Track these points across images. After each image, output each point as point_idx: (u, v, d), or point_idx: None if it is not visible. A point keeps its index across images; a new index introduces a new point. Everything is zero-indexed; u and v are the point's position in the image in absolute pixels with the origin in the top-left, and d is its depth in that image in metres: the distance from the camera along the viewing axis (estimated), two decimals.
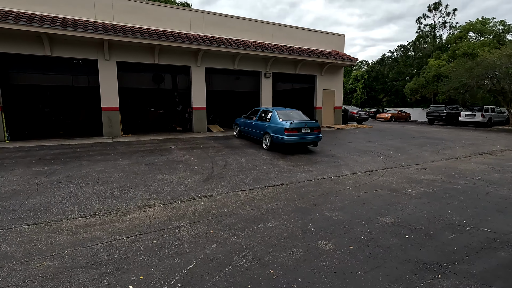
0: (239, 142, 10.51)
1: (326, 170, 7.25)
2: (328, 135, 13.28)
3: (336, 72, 16.89)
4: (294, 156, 8.57)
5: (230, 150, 9.16)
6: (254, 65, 14.17)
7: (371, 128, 16.68)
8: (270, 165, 7.45)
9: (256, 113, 10.61)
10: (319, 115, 16.57)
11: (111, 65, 11.06)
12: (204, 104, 13.16)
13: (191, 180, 6.02)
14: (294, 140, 8.57)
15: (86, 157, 7.64)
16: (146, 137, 11.16)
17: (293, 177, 6.50)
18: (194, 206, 4.66)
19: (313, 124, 9.00)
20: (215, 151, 8.85)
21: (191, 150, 8.95)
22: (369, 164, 8.03)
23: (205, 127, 13.40)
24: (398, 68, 34.50)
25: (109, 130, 11.26)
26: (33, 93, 14.57)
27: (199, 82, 12.89)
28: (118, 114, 11.41)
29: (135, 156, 7.86)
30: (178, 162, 7.40)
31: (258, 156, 8.46)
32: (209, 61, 12.97)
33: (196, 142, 10.39)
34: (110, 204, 4.66)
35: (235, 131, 12.02)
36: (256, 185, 5.86)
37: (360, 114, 20.72)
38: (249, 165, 7.38)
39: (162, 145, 9.54)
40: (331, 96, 16.94)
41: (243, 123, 11.37)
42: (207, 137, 11.66)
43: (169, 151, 8.70)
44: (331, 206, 4.66)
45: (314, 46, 15.68)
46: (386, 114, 29.12)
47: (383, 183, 6.13)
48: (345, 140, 11.89)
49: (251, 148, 9.57)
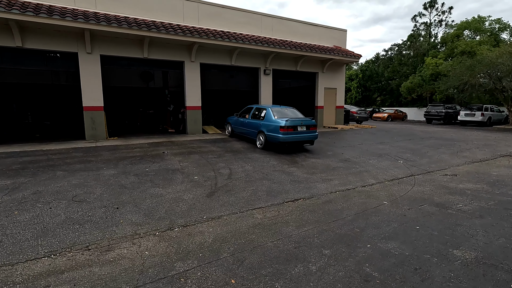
0: (241, 145, 9.42)
1: (348, 178, 6.26)
2: (333, 136, 12.33)
3: (338, 69, 16.01)
4: (307, 162, 7.54)
5: (232, 154, 8.06)
6: (252, 61, 13.09)
7: (375, 129, 15.87)
8: (282, 173, 6.40)
9: (249, 111, 10.07)
10: (321, 115, 15.65)
11: (94, 59, 9.76)
12: (199, 103, 11.99)
13: (191, 195, 4.90)
14: (290, 139, 8.16)
15: (62, 166, 6.39)
16: (135, 141, 9.92)
17: (313, 189, 5.47)
18: (200, 234, 3.56)
19: (309, 122, 8.62)
20: (215, 157, 7.73)
21: (187, 155, 7.80)
22: (391, 170, 7.08)
23: (200, 128, 12.23)
24: (393, 67, 34.09)
25: (92, 132, 9.95)
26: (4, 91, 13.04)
27: (193, 79, 11.72)
28: (102, 114, 10.12)
29: (122, 164, 6.66)
30: (173, 171, 6.25)
31: (266, 161, 7.39)
32: (204, 56, 11.81)
33: (192, 145, 9.23)
34: (88, 234, 3.50)
35: (226, 130, 11.59)
36: (272, 200, 4.80)
37: (361, 114, 19.95)
38: (257, 174, 6.30)
39: (153, 150, 8.35)
40: (332, 95, 16.05)
41: (235, 122, 10.78)
42: (203, 139, 10.51)
43: (162, 157, 7.53)
44: (378, 231, 3.64)
45: (315, 41, 14.73)
46: (383, 114, 28.58)
47: (421, 195, 5.17)
48: (354, 142, 10.96)
49: (255, 152, 8.49)
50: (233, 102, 17.37)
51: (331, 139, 11.43)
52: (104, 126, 10.18)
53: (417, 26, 32.86)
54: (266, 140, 8.62)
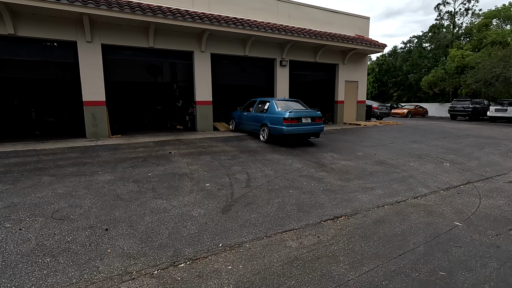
0: (257, 145, 8.34)
1: (392, 186, 5.10)
2: (358, 133, 11.10)
3: (360, 60, 14.69)
4: (337, 165, 6.40)
5: (248, 155, 6.99)
6: (268, 51, 11.95)
7: (401, 125, 14.51)
8: (310, 180, 5.30)
9: (253, 105, 9.83)
10: (341, 110, 14.40)
11: (95, 48, 8.83)
12: (209, 97, 10.96)
13: (202, 210, 3.86)
14: (294, 131, 7.90)
15: (51, 169, 5.46)
16: (140, 139, 8.97)
17: (354, 201, 4.35)
18: (215, 276, 2.51)
19: (314, 113, 8.31)
20: (229, 158, 6.68)
21: (197, 156, 6.77)
22: (441, 175, 5.87)
23: (211, 125, 11.21)
24: (413, 60, 32.21)
25: (93, 130, 9.06)
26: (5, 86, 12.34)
27: (203, 71, 10.68)
28: (104, 110, 9.21)
29: (122, 167, 5.69)
30: (181, 177, 5.23)
31: (288, 164, 6.29)
32: (215, 46, 10.75)
33: (202, 144, 8.21)
34: (60, 273, 2.51)
35: (231, 125, 11.31)
36: (306, 218, 3.71)
37: (382, 109, 18.55)
38: (281, 180, 5.22)
39: (159, 150, 7.36)
40: (353, 88, 14.76)
41: (239, 116, 10.50)
42: (214, 137, 9.48)
43: (168, 158, 6.53)
44: (475, 278, 2.51)
45: (335, 30, 13.44)
46: (402, 110, 26.94)
47: (501, 213, 3.98)
48: (384, 140, 9.72)
49: (274, 152, 7.39)
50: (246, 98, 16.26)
51: (357, 137, 10.22)
52: (106, 123, 9.27)
53: (440, 15, 30.85)
54: (270, 133, 8.33)
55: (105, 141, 8.47)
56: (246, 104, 10.39)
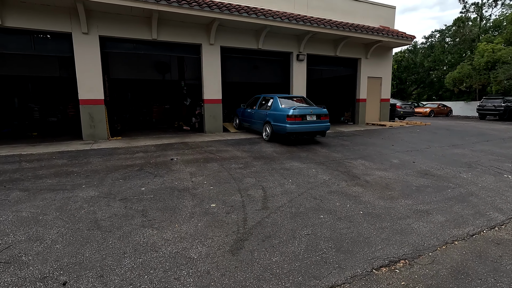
0: (272, 149, 7.24)
1: (453, 209, 3.91)
2: (386, 136, 9.83)
3: (384, 54, 13.34)
4: (372, 177, 5.23)
5: (263, 163, 5.90)
6: (283, 44, 10.82)
7: (431, 126, 13.09)
8: (343, 197, 4.16)
9: (256, 101, 9.43)
10: (363, 109, 13.11)
11: (92, 41, 7.94)
12: (219, 95, 9.93)
13: (205, 249, 2.80)
14: (297, 129, 7.53)
15: (27, 181, 4.53)
16: (141, 141, 8.04)
17: (409, 233, 3.20)
18: None
19: (319, 111, 7.90)
20: (240, 167, 5.61)
21: (203, 164, 5.74)
22: (508, 192, 4.62)
23: (221, 126, 10.19)
24: (435, 56, 30.27)
25: (90, 131, 8.19)
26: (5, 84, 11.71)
27: (212, 66, 9.66)
28: (103, 109, 8.32)
29: (111, 179, 4.71)
30: (181, 193, 4.20)
31: (312, 175, 5.17)
32: (225, 38, 9.70)
33: (210, 149, 7.19)
34: None
35: (234, 122, 10.98)
36: (350, 265, 2.59)
37: (405, 108, 17.06)
38: (306, 198, 4.11)
39: (160, 155, 6.38)
40: (377, 85, 13.44)
41: (242, 114, 10.12)
42: (224, 140, 8.44)
43: (169, 166, 5.52)
44: None
45: (358, 20, 12.16)
46: (425, 109, 25.22)
47: None
48: (418, 144, 8.44)
49: (294, 159, 6.28)
50: None
51: (385, 140, 8.98)
52: (105, 123, 8.38)
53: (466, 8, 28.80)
54: (273, 131, 8.04)
55: (102, 144, 7.57)
56: (250, 101, 9.91)
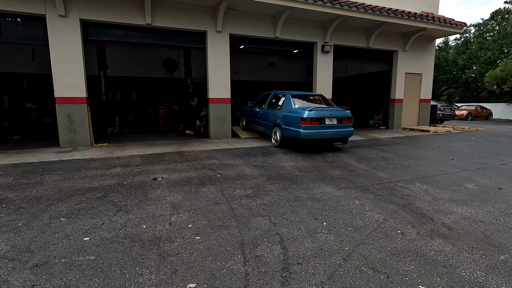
0: (293, 163, 5.45)
1: None
2: (435, 144, 7.78)
3: (426, 46, 11.24)
4: (452, 216, 3.33)
5: (281, 187, 4.13)
6: (306, 33, 9.01)
7: (484, 132, 10.84)
8: (423, 265, 2.31)
9: (265, 99, 8.11)
10: (399, 111, 11.05)
11: (71, 25, 6.47)
12: (227, 93, 8.26)
13: None
14: (314, 135, 6.25)
15: None
16: (128, 150, 6.47)
17: None
18: None
19: (341, 113, 6.58)
20: (248, 194, 3.86)
21: (195, 188, 4.03)
22: None
23: (229, 130, 8.50)
24: (471, 53, 27.35)
25: (69, 137, 6.72)
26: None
27: (219, 58, 8.00)
28: (85, 109, 6.84)
29: (49, 216, 3.10)
30: (143, 250, 2.50)
31: (355, 210, 3.35)
32: (235, 24, 8.03)
33: (211, 162, 5.49)
34: None
35: (241, 123, 9.77)
36: None
37: (444, 111, 14.77)
38: (356, 264, 2.29)
39: (141, 172, 4.75)
40: (415, 83, 11.34)
41: (250, 113, 8.84)
42: (231, 149, 6.74)
43: (146, 192, 3.86)
44: None
45: (395, 5, 10.14)
46: (461, 111, 22.55)
47: None
48: (486, 158, 6.38)
49: (324, 181, 4.46)
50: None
51: (439, 152, 6.96)
52: (88, 127, 6.89)
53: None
54: (283, 137, 6.76)
55: (78, 153, 6.05)
56: (259, 98, 8.65)
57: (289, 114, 6.62)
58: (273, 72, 14.77)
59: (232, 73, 12.35)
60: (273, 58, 14.59)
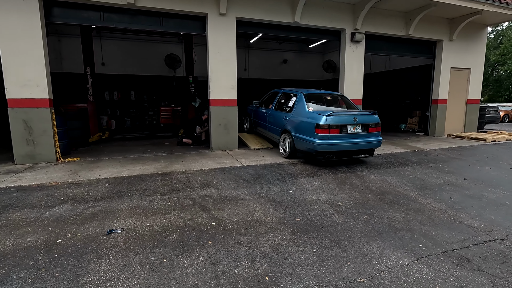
0: (326, 196, 3.69)
1: None
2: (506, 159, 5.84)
3: (475, 35, 9.24)
4: None
5: (316, 255, 2.37)
6: (332, 17, 7.21)
7: None
8: None
9: (273, 98, 6.73)
10: (442, 114, 9.10)
11: (27, 5, 4.90)
12: (233, 94, 6.55)
13: None
14: (333, 147, 4.80)
15: None
16: (99, 169, 4.85)
17: None
18: None
19: (368, 118, 5.08)
20: (258, 271, 2.13)
21: (169, 258, 2.33)
22: None
23: (235, 139, 6.79)
24: (504, 48, 24.77)
25: (26, 150, 5.16)
26: None
27: (223, 47, 6.30)
28: (48, 115, 5.26)
29: None
30: None
31: None
32: (243, 6, 6.31)
33: (206, 192, 3.80)
34: None
35: (244, 124, 8.44)
36: None
37: (488, 113, 12.65)
38: None
39: (95, 216, 3.09)
40: (463, 80, 9.36)
41: (255, 114, 7.55)
42: (236, 168, 5.01)
43: (85, 263, 2.18)
44: None
45: None
46: None
47: None
48: None
49: (381, 234, 2.69)
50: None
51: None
52: (52, 137, 5.31)
53: None
54: (294, 147, 5.39)
55: (27, 175, 4.46)
56: (266, 97, 7.25)
57: (301, 119, 5.26)
58: (286, 70, 13.06)
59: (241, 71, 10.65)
60: (286, 54, 12.88)
